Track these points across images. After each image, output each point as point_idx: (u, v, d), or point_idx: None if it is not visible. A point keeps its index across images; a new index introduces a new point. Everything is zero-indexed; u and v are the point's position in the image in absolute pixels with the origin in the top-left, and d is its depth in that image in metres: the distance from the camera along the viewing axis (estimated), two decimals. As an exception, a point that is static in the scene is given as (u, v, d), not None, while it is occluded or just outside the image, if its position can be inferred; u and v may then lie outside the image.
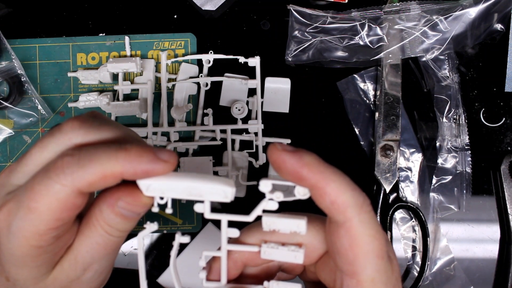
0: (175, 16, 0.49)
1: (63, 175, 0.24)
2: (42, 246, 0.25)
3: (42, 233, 0.25)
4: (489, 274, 0.48)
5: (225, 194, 0.24)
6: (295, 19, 0.47)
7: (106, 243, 0.26)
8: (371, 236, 0.25)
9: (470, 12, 0.46)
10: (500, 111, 0.48)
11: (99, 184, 0.25)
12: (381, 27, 0.47)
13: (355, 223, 0.24)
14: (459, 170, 0.47)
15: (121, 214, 0.26)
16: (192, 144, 0.47)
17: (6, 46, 0.47)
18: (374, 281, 0.25)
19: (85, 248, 0.26)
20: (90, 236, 0.26)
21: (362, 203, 0.25)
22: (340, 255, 0.25)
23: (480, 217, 0.48)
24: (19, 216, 0.25)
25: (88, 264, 0.27)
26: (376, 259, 0.25)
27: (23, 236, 0.25)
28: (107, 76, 0.47)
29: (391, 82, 0.47)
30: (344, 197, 0.24)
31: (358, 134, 0.48)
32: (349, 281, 0.25)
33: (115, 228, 0.26)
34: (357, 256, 0.25)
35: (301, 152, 0.24)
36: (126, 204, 0.26)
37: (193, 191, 0.24)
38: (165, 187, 0.25)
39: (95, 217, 0.26)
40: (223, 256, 0.27)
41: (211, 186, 0.24)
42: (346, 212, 0.24)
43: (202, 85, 0.48)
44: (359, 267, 0.25)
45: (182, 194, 0.25)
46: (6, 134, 0.48)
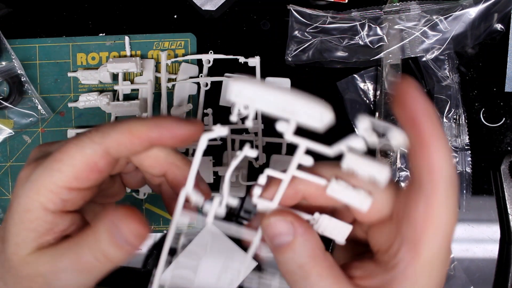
0: (175, 16, 0.49)
1: (95, 132, 0.26)
2: (48, 209, 0.25)
3: (57, 190, 0.25)
4: (489, 274, 0.48)
5: (321, 118, 0.22)
6: (295, 19, 0.47)
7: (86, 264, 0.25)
8: (449, 214, 0.23)
9: (470, 12, 0.47)
10: (500, 111, 0.48)
11: (126, 145, 0.25)
12: (381, 27, 0.47)
13: (440, 193, 0.23)
14: (459, 170, 0.47)
15: (113, 237, 0.25)
16: (192, 145, 0.47)
17: (6, 46, 0.47)
18: (432, 258, 0.24)
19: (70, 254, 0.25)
20: (77, 255, 0.25)
21: (454, 179, 0.23)
22: (409, 221, 0.24)
23: (480, 217, 0.48)
24: (43, 166, 0.25)
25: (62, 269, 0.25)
26: (443, 239, 0.24)
27: (37, 187, 0.25)
28: (107, 76, 0.47)
29: (391, 82, 0.47)
30: (443, 164, 0.23)
31: (358, 134, 0.48)
32: (407, 252, 0.24)
33: (105, 256, 0.25)
34: (428, 228, 0.23)
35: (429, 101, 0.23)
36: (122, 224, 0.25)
37: (288, 107, 0.22)
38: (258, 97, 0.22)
39: (88, 232, 0.25)
40: (286, 180, 0.25)
41: (309, 105, 0.22)
42: (438, 181, 0.23)
43: (202, 85, 0.48)
44: (425, 240, 0.24)
45: (273, 108, 0.22)
46: (6, 134, 0.48)
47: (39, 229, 0.25)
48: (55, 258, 0.25)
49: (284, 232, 0.25)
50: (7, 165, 0.48)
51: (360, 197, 0.24)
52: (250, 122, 0.23)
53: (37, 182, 0.25)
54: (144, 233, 0.25)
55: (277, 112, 0.22)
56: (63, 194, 0.25)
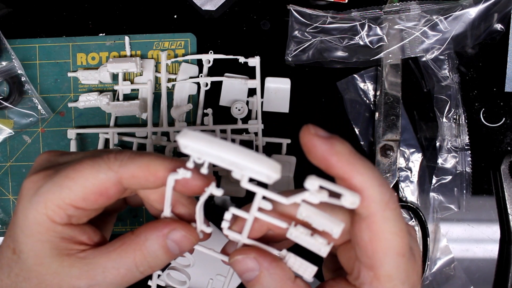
0: (175, 16, 0.49)
1: (114, 159, 0.26)
2: (55, 222, 0.26)
3: (64, 206, 0.25)
4: (489, 274, 0.48)
5: (268, 178, 0.23)
6: (295, 19, 0.47)
7: (127, 275, 0.26)
8: (393, 233, 0.24)
9: (470, 12, 0.46)
10: (500, 111, 0.48)
11: (141, 180, 0.26)
12: (381, 27, 0.47)
13: (378, 218, 0.24)
14: (459, 170, 0.47)
15: (167, 247, 0.26)
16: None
17: (6, 46, 0.47)
18: (391, 277, 0.25)
19: (103, 269, 0.26)
20: (117, 261, 0.26)
21: (388, 200, 0.24)
22: (360, 247, 0.25)
23: (480, 217, 0.48)
24: (53, 180, 0.26)
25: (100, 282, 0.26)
26: (396, 257, 0.25)
27: (45, 201, 0.25)
28: (107, 76, 0.47)
29: (391, 82, 0.47)
30: (369, 192, 0.24)
31: (358, 134, 0.48)
32: (367, 273, 0.25)
33: (148, 261, 0.26)
34: (376, 251, 0.24)
35: (334, 140, 0.24)
36: (180, 236, 0.26)
37: (234, 165, 0.23)
38: (205, 152, 0.23)
39: (134, 244, 0.26)
40: (250, 219, 0.26)
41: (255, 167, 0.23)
42: (370, 207, 0.24)
43: (202, 85, 0.48)
44: (377, 262, 0.25)
45: (221, 163, 0.23)
46: (6, 134, 0.48)
47: (52, 240, 0.26)
48: (91, 271, 0.26)
49: (250, 268, 0.26)
50: (7, 165, 0.48)
51: (317, 244, 0.26)
52: (205, 170, 0.25)
53: (45, 196, 0.26)
54: (197, 237, 0.27)
55: (225, 167, 0.23)
56: (69, 211, 0.26)
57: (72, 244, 0.26)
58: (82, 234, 0.27)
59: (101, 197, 0.26)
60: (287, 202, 0.24)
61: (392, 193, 0.24)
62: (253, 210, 0.26)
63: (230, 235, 0.27)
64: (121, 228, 0.48)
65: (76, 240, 0.27)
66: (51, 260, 0.26)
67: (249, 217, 0.26)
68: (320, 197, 0.23)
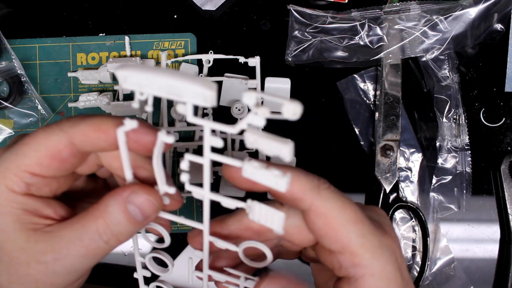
0: (175, 16, 0.49)
1: (65, 121, 0.25)
2: (14, 191, 0.25)
3: (20, 174, 0.25)
4: (489, 274, 0.48)
5: (205, 98, 0.22)
6: (295, 19, 0.47)
7: (90, 245, 0.25)
8: (339, 207, 0.25)
9: (470, 12, 0.46)
10: (500, 111, 0.48)
11: (92, 139, 0.25)
12: (381, 27, 0.47)
13: (318, 202, 0.25)
14: (459, 170, 0.47)
15: (128, 214, 0.25)
16: (192, 144, 0.47)
17: (6, 46, 0.47)
18: (364, 246, 0.25)
19: (67, 241, 0.25)
20: (79, 231, 0.25)
21: (317, 183, 0.25)
22: (323, 238, 0.25)
23: (480, 217, 0.48)
24: (10, 149, 0.25)
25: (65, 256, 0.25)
26: (356, 225, 0.25)
27: (3, 170, 0.25)
28: (107, 76, 0.47)
29: (391, 82, 0.47)
30: (298, 185, 0.25)
31: (358, 134, 0.48)
32: (343, 258, 0.25)
33: (111, 229, 0.25)
34: (336, 230, 0.25)
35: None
36: (141, 199, 0.25)
37: (172, 90, 0.22)
38: (143, 81, 0.22)
39: (96, 211, 0.25)
40: (206, 164, 0.25)
41: (190, 86, 0.22)
42: (306, 197, 0.25)
43: (202, 85, 0.48)
44: (343, 240, 0.25)
45: (161, 91, 0.22)
46: (6, 134, 0.48)
47: (14, 212, 0.25)
48: (56, 244, 0.25)
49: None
50: (7, 165, 0.48)
51: (274, 177, 0.23)
52: (149, 107, 0.23)
53: (3, 166, 0.25)
54: (160, 202, 0.26)
55: (166, 96, 0.23)
56: (27, 178, 0.25)
57: (36, 217, 0.26)
58: (47, 207, 0.26)
59: (55, 160, 0.25)
60: (234, 130, 0.23)
61: (319, 178, 0.25)
62: (206, 151, 0.24)
63: (193, 190, 0.26)
64: (121, 228, 0.48)
65: (41, 214, 0.26)
66: (17, 235, 0.25)
67: (204, 161, 0.25)
68: (263, 114, 0.22)
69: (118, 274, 0.48)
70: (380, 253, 0.25)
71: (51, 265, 0.25)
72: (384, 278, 0.25)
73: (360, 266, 0.25)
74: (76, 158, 0.26)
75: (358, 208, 0.26)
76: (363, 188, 0.48)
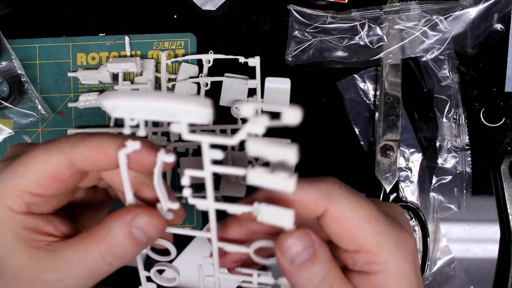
0: (175, 16, 0.49)
1: (64, 142, 0.25)
2: (14, 210, 0.25)
3: (19, 193, 0.25)
4: (489, 274, 0.48)
5: (201, 116, 0.22)
6: (295, 19, 0.47)
7: (93, 268, 0.25)
8: (352, 207, 0.25)
9: (470, 12, 0.46)
10: (500, 111, 0.48)
11: (92, 160, 0.25)
12: (381, 27, 0.47)
13: (331, 207, 0.25)
14: (459, 170, 0.47)
15: (132, 236, 0.25)
16: (192, 144, 0.47)
17: (6, 46, 0.47)
18: (380, 244, 0.25)
19: (69, 262, 0.25)
20: (82, 253, 0.25)
21: (326, 188, 0.25)
22: (339, 240, 0.25)
23: (480, 217, 0.48)
24: (8, 169, 0.25)
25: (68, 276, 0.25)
26: (370, 224, 0.25)
27: (1, 191, 0.25)
28: (107, 76, 0.47)
29: (391, 82, 0.47)
30: (307, 196, 0.24)
31: (358, 134, 0.48)
32: (358, 257, 0.25)
33: (114, 252, 0.25)
34: (350, 232, 0.25)
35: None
36: (144, 222, 0.25)
37: (165, 112, 0.22)
38: (133, 108, 0.22)
39: (99, 234, 0.25)
40: (208, 177, 0.25)
41: (185, 107, 0.21)
42: (319, 205, 0.25)
43: (202, 85, 0.48)
44: (359, 240, 0.25)
45: (153, 115, 0.22)
46: (6, 134, 0.48)
47: (15, 230, 0.25)
48: (58, 264, 0.25)
49: (307, 244, 0.25)
50: (7, 165, 0.48)
51: (281, 180, 0.23)
52: (142, 131, 0.23)
53: (1, 185, 0.25)
54: (164, 223, 0.26)
55: (159, 119, 0.22)
56: (26, 198, 0.25)
57: (37, 235, 0.26)
58: (47, 225, 0.26)
59: (55, 181, 0.25)
60: (233, 142, 0.23)
61: (327, 182, 0.25)
62: (206, 164, 0.24)
63: (197, 203, 0.26)
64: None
65: (42, 231, 0.26)
66: (19, 253, 0.25)
67: (206, 174, 0.24)
68: (262, 122, 0.22)
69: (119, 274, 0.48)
70: (396, 250, 0.25)
71: (54, 284, 0.25)
72: (399, 276, 0.25)
73: (376, 263, 0.25)
74: (76, 178, 0.26)
75: (373, 206, 0.25)
76: (363, 188, 0.48)
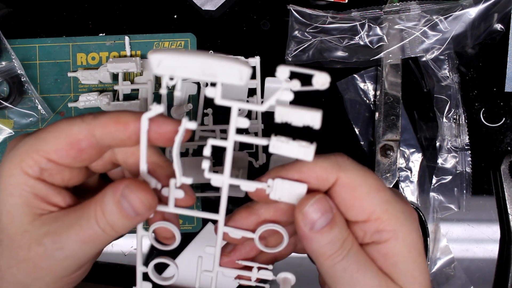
0: (175, 16, 0.49)
1: (88, 115, 0.26)
2: (27, 173, 0.26)
3: (37, 158, 0.26)
4: (489, 274, 0.48)
5: (240, 75, 0.23)
6: (295, 19, 0.47)
7: (88, 231, 0.26)
8: (361, 176, 0.26)
9: (470, 12, 0.47)
10: (500, 111, 0.48)
11: (112, 131, 0.26)
12: (381, 27, 0.47)
13: (341, 174, 0.26)
14: (459, 170, 0.47)
15: (120, 205, 0.25)
16: (192, 144, 0.47)
17: (6, 46, 0.47)
18: (388, 211, 0.26)
19: (68, 225, 0.26)
20: (79, 215, 0.26)
21: (335, 159, 0.26)
22: (349, 210, 0.26)
23: (480, 217, 0.48)
24: (31, 135, 0.26)
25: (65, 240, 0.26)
26: (379, 192, 0.26)
27: (20, 153, 0.26)
28: (107, 76, 0.47)
29: (391, 82, 0.47)
30: (319, 166, 0.26)
31: (358, 134, 0.48)
32: (368, 226, 0.26)
33: (106, 218, 0.25)
34: (361, 199, 0.26)
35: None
36: (131, 195, 0.25)
37: (207, 70, 0.23)
38: (177, 64, 0.23)
39: (96, 198, 0.26)
40: (230, 146, 0.25)
41: (226, 64, 0.23)
42: (329, 174, 0.26)
43: (202, 85, 0.48)
44: (369, 208, 0.26)
45: (194, 73, 0.23)
46: (6, 134, 0.48)
47: (24, 194, 0.26)
48: (58, 229, 0.26)
49: (326, 209, 0.26)
50: (7, 165, 0.48)
51: (301, 147, 0.25)
52: (178, 92, 0.24)
53: (22, 149, 0.26)
54: (153, 203, 0.26)
55: (199, 77, 0.23)
56: (42, 163, 0.26)
57: (45, 203, 0.26)
58: (57, 195, 0.27)
59: (73, 149, 0.26)
60: (262, 108, 0.24)
61: (336, 156, 0.26)
62: (231, 133, 0.25)
63: (212, 177, 0.26)
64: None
65: (50, 201, 0.26)
66: (22, 219, 0.26)
67: (228, 143, 0.25)
68: (294, 86, 0.24)
69: (118, 274, 0.48)
70: (404, 219, 0.26)
71: (50, 248, 0.25)
72: (408, 244, 0.26)
73: (385, 231, 0.26)
74: (93, 150, 0.27)
75: (378, 177, 0.26)
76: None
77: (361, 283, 0.25)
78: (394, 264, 0.26)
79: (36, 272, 0.26)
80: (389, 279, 0.26)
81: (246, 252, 0.29)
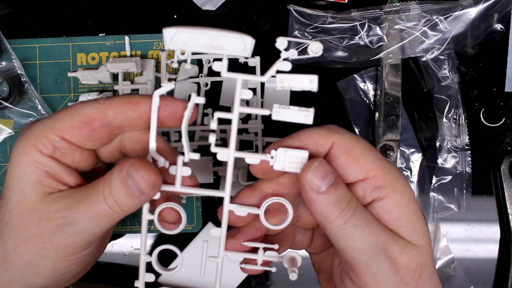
0: (175, 16, 0.49)
1: (102, 97, 0.28)
2: (41, 151, 0.27)
3: (51, 136, 0.27)
4: (489, 274, 0.48)
5: (245, 46, 0.26)
6: (295, 19, 0.47)
7: (96, 207, 0.26)
8: (354, 139, 0.28)
9: (470, 12, 0.47)
10: (500, 111, 0.48)
11: (124, 111, 0.27)
12: (381, 27, 0.47)
13: (336, 138, 0.28)
14: (459, 170, 0.47)
15: (125, 183, 0.26)
16: (192, 144, 0.47)
17: (6, 46, 0.47)
18: (383, 167, 0.28)
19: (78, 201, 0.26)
20: (88, 192, 0.27)
21: (329, 126, 0.28)
22: (347, 170, 0.28)
23: (480, 217, 0.48)
24: (48, 116, 0.28)
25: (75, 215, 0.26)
26: (372, 151, 0.28)
27: (36, 133, 0.27)
28: (107, 76, 0.47)
29: (391, 82, 0.47)
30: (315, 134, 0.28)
31: (358, 134, 0.48)
32: (366, 185, 0.27)
33: (113, 196, 0.26)
34: (357, 158, 0.27)
35: None
36: (136, 173, 0.26)
37: (214, 43, 0.25)
38: (188, 38, 0.25)
39: (105, 178, 0.27)
40: (235, 118, 0.27)
41: (231, 35, 0.25)
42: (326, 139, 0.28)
43: (202, 85, 0.48)
44: (365, 165, 0.27)
45: (203, 47, 0.25)
46: (6, 134, 0.48)
47: (37, 172, 0.27)
48: (68, 205, 0.26)
49: (329, 170, 0.27)
50: (7, 165, 0.48)
51: (302, 111, 0.27)
52: (188, 65, 0.26)
53: (37, 128, 0.27)
54: (157, 182, 0.26)
55: (208, 50, 0.26)
56: (55, 141, 0.27)
57: (56, 182, 0.27)
58: (68, 175, 0.28)
59: (86, 127, 0.27)
60: (264, 79, 0.26)
61: (327, 125, 0.28)
62: (236, 104, 0.27)
63: (218, 151, 0.27)
64: (121, 228, 0.48)
65: (61, 180, 0.27)
66: (34, 196, 0.27)
67: (234, 116, 0.27)
68: (292, 54, 0.26)
69: (118, 274, 0.48)
70: (397, 174, 0.28)
71: (61, 222, 0.26)
72: (406, 196, 0.27)
73: (383, 186, 0.27)
74: (105, 131, 0.28)
75: (365, 141, 0.28)
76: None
77: (373, 237, 0.26)
78: (398, 218, 0.27)
79: (44, 249, 0.27)
80: (395, 234, 0.27)
81: (251, 233, 0.30)
